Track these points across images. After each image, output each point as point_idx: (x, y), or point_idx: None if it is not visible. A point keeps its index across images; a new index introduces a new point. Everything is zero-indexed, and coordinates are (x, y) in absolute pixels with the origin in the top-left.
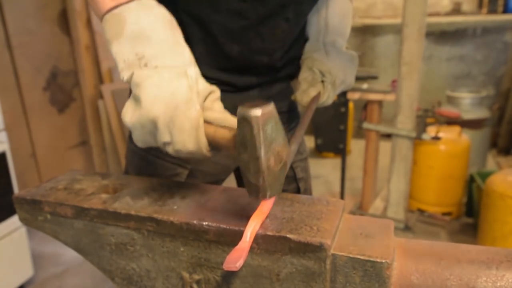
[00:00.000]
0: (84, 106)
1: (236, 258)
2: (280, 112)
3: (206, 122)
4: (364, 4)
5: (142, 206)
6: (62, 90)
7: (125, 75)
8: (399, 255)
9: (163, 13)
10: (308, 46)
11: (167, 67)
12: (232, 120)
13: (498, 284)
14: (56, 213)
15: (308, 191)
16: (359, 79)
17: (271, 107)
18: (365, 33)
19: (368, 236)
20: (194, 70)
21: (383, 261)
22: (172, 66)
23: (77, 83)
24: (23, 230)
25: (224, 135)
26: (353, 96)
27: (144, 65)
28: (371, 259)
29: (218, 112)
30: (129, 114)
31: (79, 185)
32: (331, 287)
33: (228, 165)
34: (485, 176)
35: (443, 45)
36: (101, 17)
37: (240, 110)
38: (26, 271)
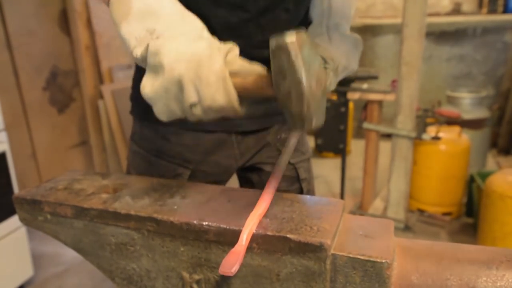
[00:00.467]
0: (84, 106)
1: (232, 262)
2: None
3: (232, 74)
4: (364, 4)
5: (142, 206)
6: (62, 90)
7: (138, 51)
8: (399, 255)
9: None
10: (311, 30)
11: (182, 34)
12: (258, 68)
13: (498, 284)
14: (56, 213)
15: (311, 192)
16: (359, 79)
17: (303, 32)
18: (365, 33)
19: (368, 236)
20: (207, 33)
21: (383, 261)
22: (186, 32)
23: (77, 83)
24: (23, 230)
25: (253, 81)
26: (353, 96)
27: (156, 37)
28: (371, 259)
29: (242, 64)
30: (149, 84)
31: (79, 185)
32: (331, 287)
33: (230, 165)
34: (485, 176)
35: (443, 45)
36: (107, 2)
37: (272, 40)
38: (26, 271)
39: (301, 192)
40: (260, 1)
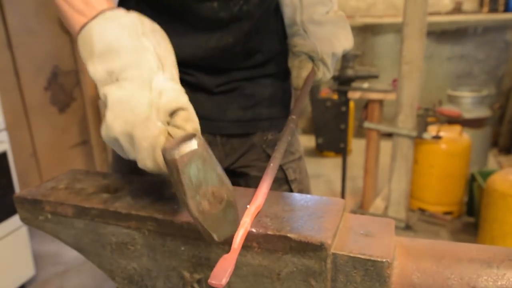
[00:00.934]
0: (85, 105)
1: (222, 273)
2: (274, 118)
3: (169, 137)
4: (365, 4)
5: (142, 206)
6: (63, 89)
7: (101, 95)
8: (400, 254)
9: (130, 20)
10: (288, 33)
11: (133, 78)
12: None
13: (499, 283)
14: (57, 212)
15: (304, 193)
16: (360, 78)
17: (194, 145)
18: (365, 32)
19: (369, 235)
20: (161, 78)
21: (384, 260)
22: (137, 76)
23: (78, 82)
24: (24, 229)
25: None
26: (354, 95)
27: (115, 80)
28: (372, 258)
29: (189, 128)
30: (103, 131)
31: (80, 185)
32: (332, 286)
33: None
34: (486, 175)
35: (444, 44)
36: (76, 38)
37: (164, 146)
38: (27, 271)
39: (287, 182)
40: None
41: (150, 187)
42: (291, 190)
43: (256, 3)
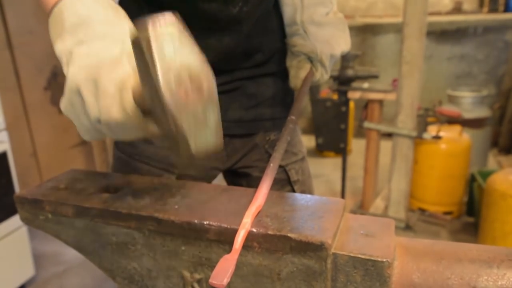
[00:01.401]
0: None
1: (223, 273)
2: (277, 118)
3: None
4: (365, 3)
5: (143, 206)
6: (63, 89)
7: (64, 67)
8: (400, 254)
9: None
10: (288, 32)
11: (104, 37)
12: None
13: (499, 283)
14: (57, 212)
15: (307, 193)
16: (360, 78)
17: (168, 17)
18: (365, 32)
19: (369, 235)
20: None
21: (384, 260)
22: (105, 35)
23: None
24: (24, 229)
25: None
26: (353, 95)
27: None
28: (372, 258)
29: None
30: (63, 98)
31: (80, 185)
32: (332, 286)
33: (216, 167)
34: (486, 175)
35: (444, 44)
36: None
37: (130, 31)
38: (27, 271)
39: (289, 183)
40: None
41: (150, 187)
42: (293, 191)
43: (255, 4)
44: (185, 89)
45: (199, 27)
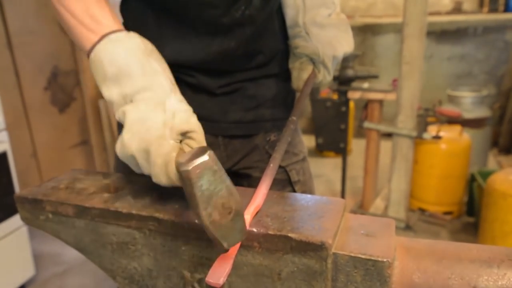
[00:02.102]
0: (85, 105)
1: (220, 272)
2: (277, 119)
3: (181, 151)
4: (365, 3)
5: (143, 205)
6: (63, 89)
7: (116, 116)
8: (400, 254)
9: (133, 43)
10: (290, 34)
11: (148, 99)
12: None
13: (500, 283)
14: (58, 212)
15: (308, 194)
16: (359, 78)
17: (205, 158)
18: (365, 32)
19: (369, 235)
20: (173, 100)
21: (384, 260)
22: (151, 97)
23: (78, 82)
24: (24, 229)
25: None
26: (353, 95)
27: (130, 101)
28: (372, 258)
29: (198, 143)
30: (119, 148)
31: (80, 184)
32: (333, 286)
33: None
34: (486, 175)
35: (444, 44)
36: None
37: (179, 160)
38: (27, 271)
39: (290, 184)
40: None
41: (150, 186)
42: (294, 192)
43: (258, 7)
44: (218, 213)
45: (202, 30)
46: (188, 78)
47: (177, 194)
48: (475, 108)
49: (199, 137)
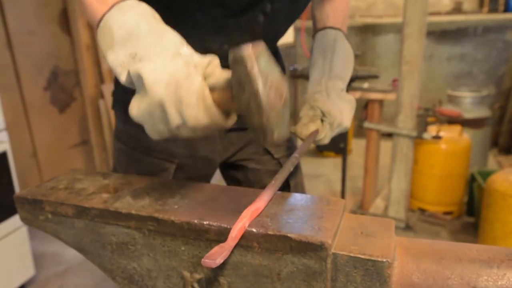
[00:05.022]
0: (85, 105)
1: (217, 255)
2: None
3: (212, 89)
4: (365, 3)
5: (143, 206)
6: (63, 89)
7: (123, 77)
8: (400, 254)
9: (143, 9)
10: (310, 87)
11: (160, 53)
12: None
13: (499, 283)
14: (57, 212)
15: (299, 186)
16: (360, 78)
17: (260, 44)
18: (365, 32)
19: (369, 235)
20: (186, 48)
21: (384, 260)
22: (164, 51)
23: (78, 82)
24: (24, 229)
25: (224, 93)
26: (354, 95)
27: (139, 60)
28: (372, 258)
29: (220, 75)
30: (136, 107)
31: (80, 185)
32: (332, 286)
33: (213, 159)
34: (486, 175)
35: (444, 44)
36: (96, 31)
37: (230, 54)
38: (27, 271)
39: (287, 185)
40: (239, 0)
41: (150, 187)
42: (288, 183)
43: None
44: (274, 95)
45: (204, 29)
46: None
47: (177, 195)
48: (475, 108)
49: (218, 71)
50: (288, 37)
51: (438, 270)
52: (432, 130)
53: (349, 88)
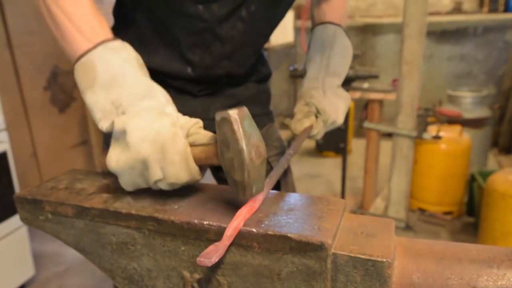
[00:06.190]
0: (84, 105)
1: (212, 253)
2: (255, 115)
3: (195, 146)
4: (365, 3)
5: (143, 206)
6: (63, 89)
7: (104, 125)
8: (400, 254)
9: (130, 54)
10: (307, 82)
11: (146, 109)
12: (214, 136)
13: (499, 283)
14: (57, 212)
15: (289, 185)
16: (359, 78)
17: (244, 109)
18: (365, 32)
19: (369, 235)
20: (172, 108)
21: (384, 260)
22: (150, 108)
23: None
24: (24, 229)
25: (209, 150)
26: (354, 95)
27: (122, 113)
28: (372, 258)
29: (205, 134)
30: (115, 159)
31: (80, 185)
32: (332, 286)
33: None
34: (486, 175)
35: (444, 44)
36: (73, 65)
37: (217, 114)
38: (27, 271)
39: (278, 184)
40: (215, 10)
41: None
42: (278, 182)
43: (241, 30)
44: (254, 154)
45: (187, 43)
46: (173, 82)
47: (176, 195)
48: (475, 108)
49: (202, 131)
50: (288, 37)
51: (438, 270)
52: (432, 130)
53: (349, 88)
